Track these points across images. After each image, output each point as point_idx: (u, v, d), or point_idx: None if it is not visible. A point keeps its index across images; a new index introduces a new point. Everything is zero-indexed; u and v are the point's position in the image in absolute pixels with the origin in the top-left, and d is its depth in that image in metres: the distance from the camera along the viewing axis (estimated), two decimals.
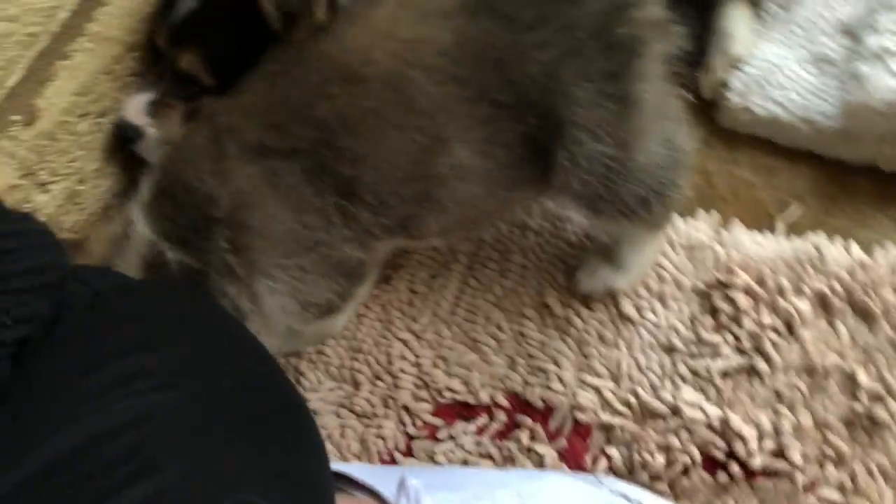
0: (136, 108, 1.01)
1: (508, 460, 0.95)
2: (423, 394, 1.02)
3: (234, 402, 0.61)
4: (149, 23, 1.04)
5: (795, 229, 0.99)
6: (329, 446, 1.03)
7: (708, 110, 1.09)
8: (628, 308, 0.98)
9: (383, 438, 1.01)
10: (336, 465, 0.85)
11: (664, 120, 0.82)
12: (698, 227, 1.01)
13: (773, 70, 1.04)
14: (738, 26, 1.08)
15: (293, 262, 0.84)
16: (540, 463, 0.93)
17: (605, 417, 0.93)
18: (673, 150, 0.83)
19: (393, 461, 1.00)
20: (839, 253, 0.94)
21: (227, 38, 0.96)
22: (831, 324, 0.91)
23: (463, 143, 0.80)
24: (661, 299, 0.98)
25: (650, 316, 0.97)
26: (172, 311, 0.71)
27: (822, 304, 0.92)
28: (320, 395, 1.07)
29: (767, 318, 0.92)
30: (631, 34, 0.77)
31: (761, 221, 1.01)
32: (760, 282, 0.94)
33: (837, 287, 0.92)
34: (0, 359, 0.57)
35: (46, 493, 0.51)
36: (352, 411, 1.04)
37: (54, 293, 0.63)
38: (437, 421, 1.00)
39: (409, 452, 1.00)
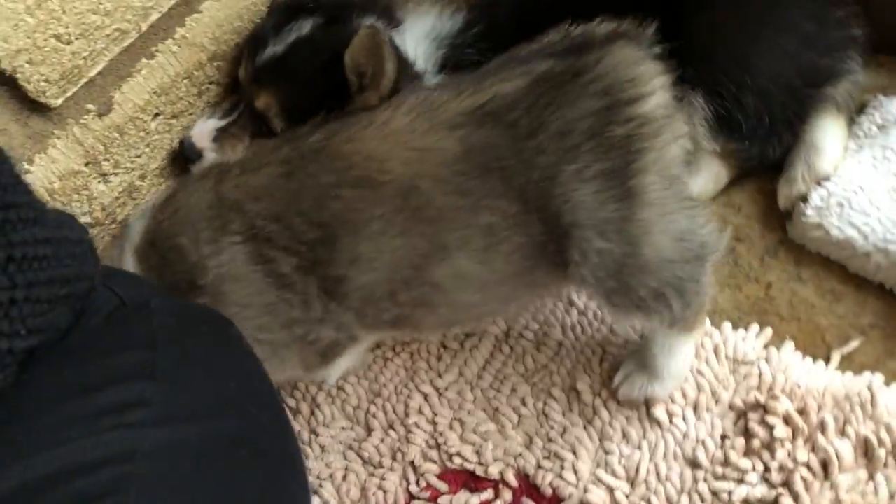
0: (203, 131, 1.04)
1: None
2: (434, 454, 0.99)
3: (223, 455, 0.59)
4: (235, 51, 1.07)
5: (852, 364, 0.94)
6: (329, 488, 1.01)
7: (781, 219, 1.05)
8: (659, 411, 0.93)
9: (384, 491, 0.99)
10: None
11: (675, 213, 0.79)
12: (748, 341, 0.97)
13: (858, 193, 0.99)
14: (830, 141, 1.03)
15: (266, 337, 0.85)
16: None
17: None
18: (688, 243, 0.80)
19: None
20: (894, 399, 0.88)
21: (306, 90, 1.00)
22: (871, 475, 0.85)
23: (463, 251, 0.80)
24: (696, 409, 0.94)
25: (680, 424, 0.93)
26: (188, 341, 0.69)
27: (865, 451, 0.86)
28: (332, 433, 1.05)
29: (803, 454, 0.87)
30: (627, 133, 0.75)
31: (817, 348, 0.96)
32: (803, 412, 0.89)
33: (885, 437, 0.86)
34: (6, 367, 0.56)
35: None
36: (359, 455, 1.02)
37: (77, 304, 0.63)
38: (442, 485, 0.97)
39: None
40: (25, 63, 0.83)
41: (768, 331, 0.97)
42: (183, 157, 1.05)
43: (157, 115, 1.01)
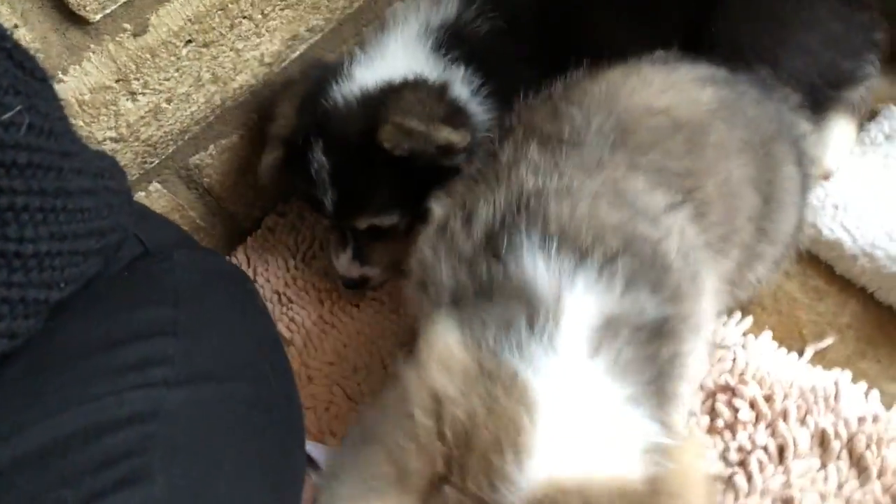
0: (346, 266, 1.12)
1: None
2: None
3: (237, 417, 0.62)
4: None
5: (823, 360, 0.97)
6: (311, 417, 1.06)
7: None
8: None
9: None
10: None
11: None
12: (728, 327, 1.00)
13: (855, 197, 1.01)
14: (838, 141, 1.06)
15: None
16: None
17: None
18: None
19: None
20: (855, 396, 0.91)
21: (378, 189, 1.04)
22: (824, 464, 0.88)
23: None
24: None
25: None
26: (209, 298, 0.71)
27: (822, 442, 0.90)
28: (319, 366, 1.10)
29: (763, 438, 0.91)
30: None
31: (793, 341, 0.99)
32: (769, 399, 0.93)
33: (842, 430, 0.89)
34: (38, 315, 0.57)
35: (36, 478, 0.51)
36: (343, 390, 1.08)
37: (110, 254, 0.65)
38: None
39: None
40: None
41: (749, 319, 1.01)
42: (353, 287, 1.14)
43: (189, 41, 1.04)
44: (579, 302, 0.61)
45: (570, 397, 0.57)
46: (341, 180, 1.04)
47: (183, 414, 0.57)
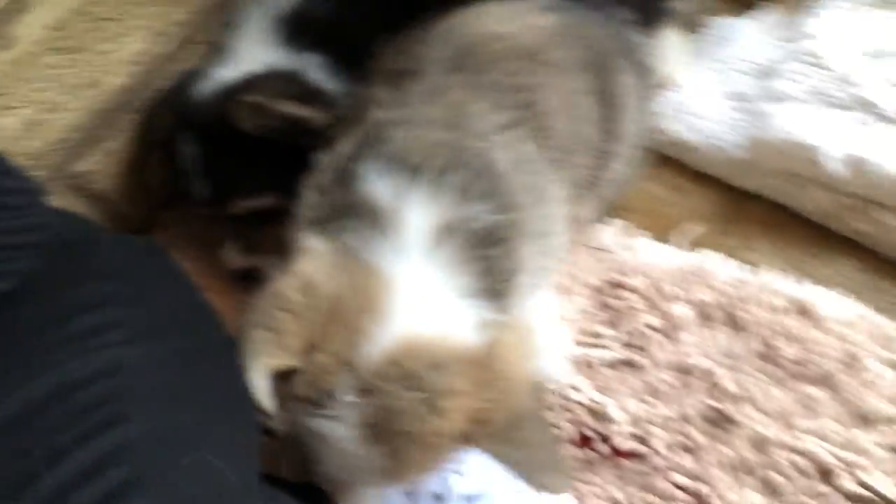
0: (231, 257, 1.13)
1: None
2: None
3: (196, 363, 0.67)
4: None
5: (697, 245, 1.09)
6: None
7: None
8: None
9: None
10: None
11: None
12: (607, 232, 1.11)
13: (693, 98, 1.14)
14: (670, 49, 1.18)
15: None
16: None
17: None
18: None
19: None
20: (724, 269, 1.04)
21: (247, 173, 1.07)
22: (709, 330, 1.01)
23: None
24: (568, 295, 1.07)
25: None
26: (138, 268, 0.76)
27: (703, 313, 1.02)
28: None
29: (653, 320, 1.02)
30: None
31: (666, 235, 1.11)
32: (653, 287, 1.04)
33: (719, 300, 1.02)
34: None
35: (19, 437, 0.54)
36: None
37: (41, 250, 0.68)
38: None
39: None
40: None
41: (623, 223, 1.12)
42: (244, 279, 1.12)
43: (55, 49, 1.05)
44: (415, 213, 0.73)
45: (417, 284, 0.71)
46: (211, 169, 1.08)
47: (143, 368, 0.61)
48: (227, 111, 1.02)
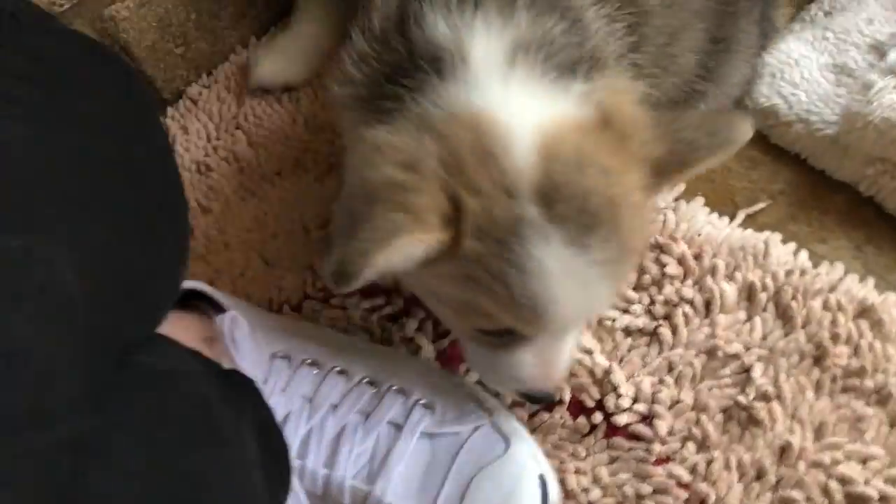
0: None
1: (386, 342, 0.92)
2: None
3: (96, 169, 0.58)
4: None
5: (755, 224, 0.94)
6: (226, 280, 1.01)
7: None
8: None
9: (280, 289, 0.99)
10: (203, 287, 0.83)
11: None
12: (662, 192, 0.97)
13: (791, 66, 0.99)
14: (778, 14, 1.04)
15: None
16: (415, 354, 0.90)
17: None
18: None
19: (280, 312, 0.97)
20: (784, 254, 0.89)
21: None
22: (750, 317, 0.86)
23: None
24: None
25: None
26: (84, 67, 0.66)
27: (749, 295, 0.87)
28: (238, 233, 1.05)
29: (689, 292, 0.88)
30: None
31: (725, 207, 0.96)
32: (697, 257, 0.90)
33: (769, 283, 0.87)
34: None
35: None
36: (261, 256, 1.03)
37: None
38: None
39: (298, 309, 0.97)
40: None
41: (682, 186, 0.98)
42: None
43: None
44: (481, 40, 0.63)
45: (510, 99, 0.61)
46: None
47: (38, 145, 0.53)
48: None
